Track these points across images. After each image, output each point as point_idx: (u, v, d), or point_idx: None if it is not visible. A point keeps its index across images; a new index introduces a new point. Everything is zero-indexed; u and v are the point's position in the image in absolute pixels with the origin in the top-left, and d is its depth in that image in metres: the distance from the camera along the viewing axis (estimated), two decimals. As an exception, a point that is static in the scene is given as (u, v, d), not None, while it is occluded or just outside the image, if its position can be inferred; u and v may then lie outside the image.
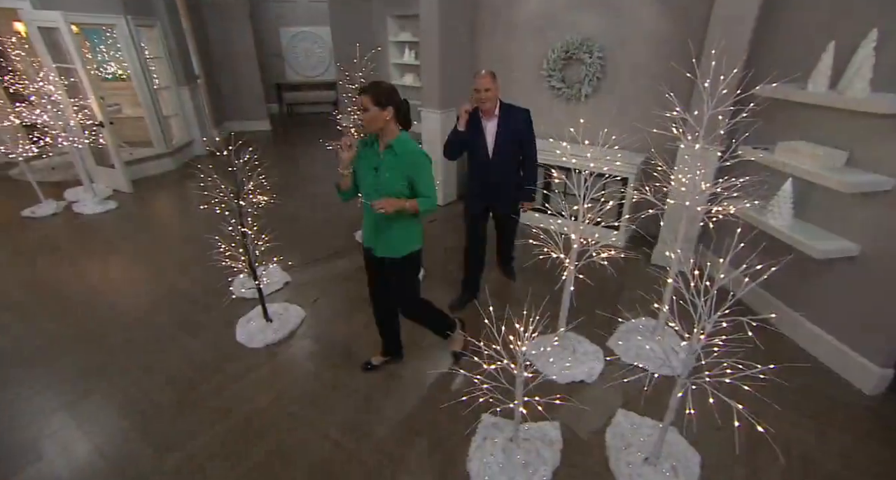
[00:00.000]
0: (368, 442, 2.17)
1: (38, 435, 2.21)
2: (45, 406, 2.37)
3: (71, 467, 2.05)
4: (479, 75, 2.64)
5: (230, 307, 3.24)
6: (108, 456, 2.10)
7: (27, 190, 5.41)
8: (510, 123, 2.74)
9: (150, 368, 2.66)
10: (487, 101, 2.63)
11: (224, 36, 8.17)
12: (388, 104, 1.95)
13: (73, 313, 3.20)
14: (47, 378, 2.58)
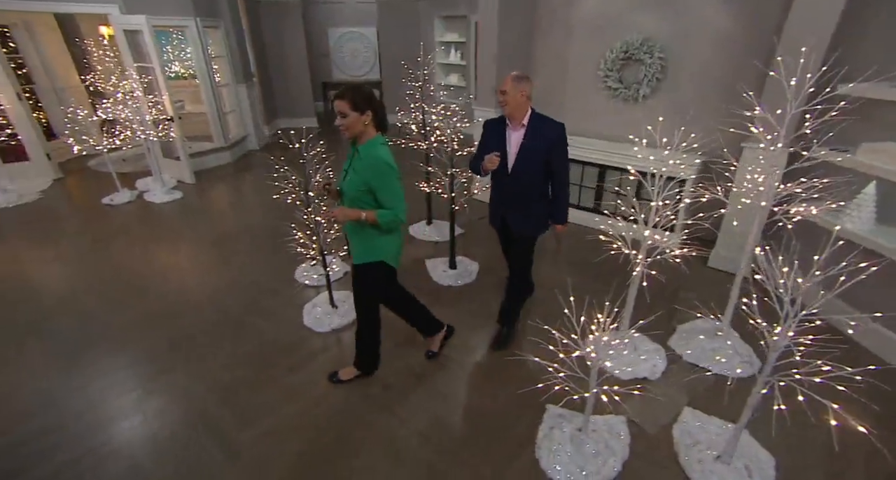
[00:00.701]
0: (436, 426, 2.26)
1: (127, 406, 2.41)
2: (130, 382, 2.58)
3: (159, 433, 2.23)
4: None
5: (295, 293, 3.41)
6: (194, 425, 2.27)
7: (104, 179, 5.84)
8: (538, 137, 2.35)
9: (224, 347, 2.85)
10: (505, 106, 2.31)
11: (277, 36, 8.51)
12: (367, 108, 1.93)
13: (150, 295, 3.45)
14: (132, 355, 2.80)
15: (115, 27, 5.25)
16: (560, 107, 4.76)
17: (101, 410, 2.36)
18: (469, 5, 7.65)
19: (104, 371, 2.64)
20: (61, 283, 3.60)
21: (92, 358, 2.75)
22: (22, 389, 2.50)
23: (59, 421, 2.28)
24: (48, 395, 2.46)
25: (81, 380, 2.57)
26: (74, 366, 2.68)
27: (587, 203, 4.56)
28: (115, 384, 2.54)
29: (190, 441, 2.17)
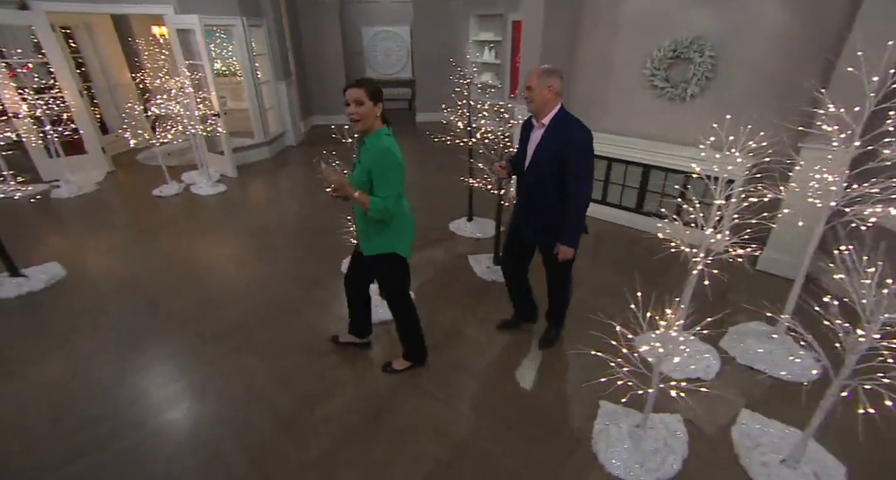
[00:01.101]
0: (490, 416, 2.29)
1: (180, 393, 2.53)
2: (184, 368, 2.70)
3: (227, 410, 2.33)
4: None
5: (342, 285, 3.49)
6: (250, 409, 2.37)
7: (152, 172, 6.10)
8: (556, 139, 2.14)
9: (276, 336, 2.94)
10: (531, 103, 2.13)
11: (315, 35, 8.69)
12: (379, 100, 1.97)
13: (203, 283, 3.59)
14: (185, 341, 2.93)
15: (169, 26, 5.47)
16: (604, 107, 4.72)
17: (154, 396, 2.47)
18: (506, 4, 7.65)
19: (158, 357, 2.77)
20: (120, 271, 3.78)
21: (147, 343, 2.88)
22: (79, 376, 2.62)
23: (115, 408, 2.37)
24: (103, 382, 2.59)
25: (136, 366, 2.69)
26: (129, 353, 2.81)
27: (629, 203, 4.50)
28: (168, 370, 2.66)
29: (247, 427, 2.26)
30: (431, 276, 3.62)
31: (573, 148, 2.10)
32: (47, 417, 2.30)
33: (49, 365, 2.67)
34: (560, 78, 2.10)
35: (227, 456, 2.08)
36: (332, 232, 3.20)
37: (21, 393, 2.46)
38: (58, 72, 5.48)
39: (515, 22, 7.48)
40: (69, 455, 2.08)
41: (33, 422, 2.27)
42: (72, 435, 2.18)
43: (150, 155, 7.23)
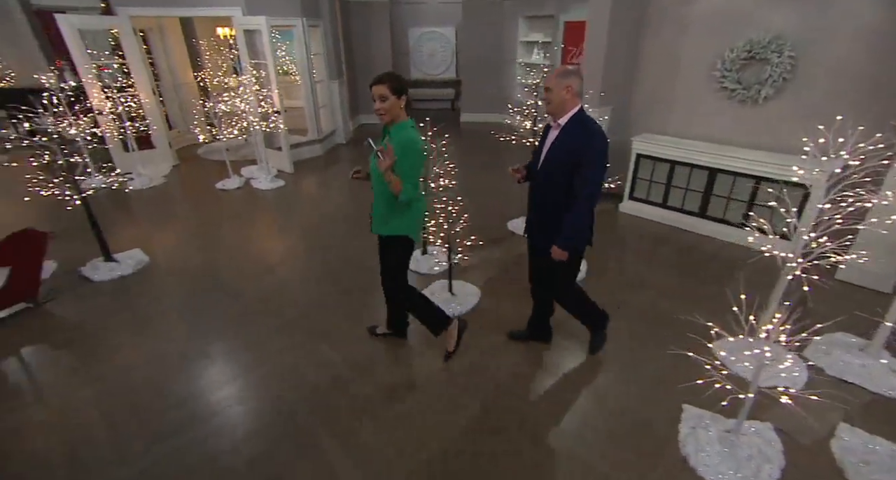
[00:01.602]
0: (575, 416, 2.29)
1: (251, 384, 2.64)
2: (271, 348, 2.82)
3: (302, 393, 2.43)
4: None
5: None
6: (328, 398, 2.45)
7: (213, 166, 6.38)
8: (571, 141, 2.07)
9: (342, 328, 3.03)
10: (548, 104, 2.09)
11: (364, 35, 8.88)
12: (402, 93, 2.07)
13: (273, 273, 3.74)
14: (266, 324, 3.06)
15: (237, 27, 5.71)
16: (668, 108, 4.62)
17: (230, 381, 2.60)
18: (557, 5, 7.60)
19: (235, 342, 2.91)
20: (196, 259, 3.98)
21: (224, 327, 3.03)
22: (161, 358, 2.78)
23: (195, 390, 2.53)
24: (184, 365, 2.74)
25: (214, 350, 2.84)
26: (207, 336, 2.96)
27: (692, 207, 4.39)
28: (244, 356, 2.79)
29: (329, 414, 2.35)
30: (496, 274, 3.64)
31: (588, 153, 2.04)
32: (140, 394, 2.46)
33: (135, 347, 2.85)
34: (579, 78, 2.06)
35: (305, 433, 2.17)
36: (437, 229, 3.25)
37: (112, 374, 2.64)
38: (135, 72, 5.82)
39: (568, 23, 7.42)
40: (153, 438, 2.21)
41: (133, 398, 2.43)
42: (152, 418, 2.32)
43: (209, 149, 7.57)
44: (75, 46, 5.42)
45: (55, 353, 2.78)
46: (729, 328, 2.07)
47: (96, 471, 2.00)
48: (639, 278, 3.61)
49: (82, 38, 5.47)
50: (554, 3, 7.64)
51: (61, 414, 2.31)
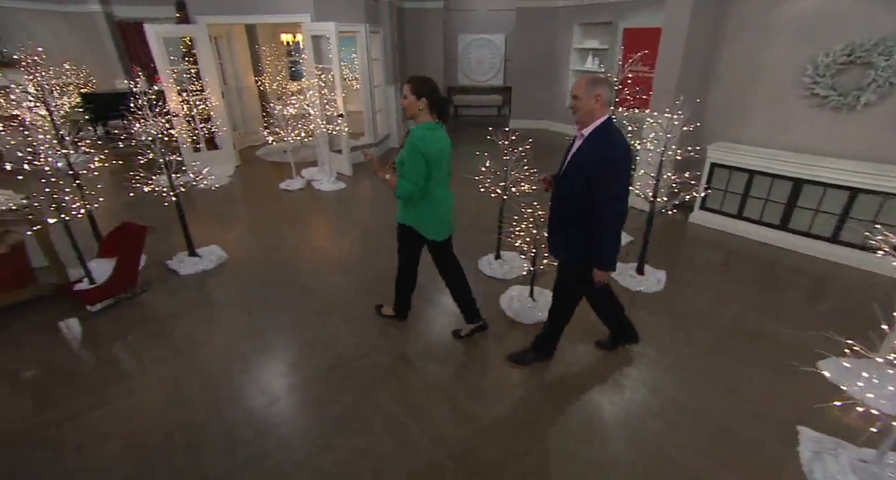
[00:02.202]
0: (676, 433, 2.21)
1: (332, 382, 2.67)
2: (349, 344, 2.86)
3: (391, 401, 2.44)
4: None
5: (478, 283, 3.55)
6: (439, 393, 2.45)
7: (273, 167, 6.57)
8: (592, 152, 2.04)
9: (424, 323, 3.04)
10: (576, 112, 2.07)
11: (418, 42, 9.03)
12: (423, 96, 2.28)
13: (350, 272, 3.79)
14: (342, 322, 3.10)
15: (305, 33, 5.90)
16: (745, 116, 4.47)
17: (306, 376, 2.64)
18: (615, 12, 7.50)
19: (309, 337, 2.96)
20: (270, 256, 4.10)
21: (300, 322, 3.09)
22: (233, 355, 2.87)
23: (266, 386, 2.58)
24: (259, 359, 2.80)
25: (286, 345, 2.89)
26: (274, 336, 3.02)
27: (773, 219, 4.20)
28: (319, 352, 2.83)
29: (421, 414, 2.34)
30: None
31: (605, 165, 1.99)
32: (216, 383, 2.53)
33: (217, 339, 2.94)
34: (609, 88, 2.03)
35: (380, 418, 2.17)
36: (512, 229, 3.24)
37: (199, 365, 2.73)
38: (209, 76, 6.09)
39: (627, 30, 7.31)
40: (220, 432, 2.26)
41: (207, 384, 2.50)
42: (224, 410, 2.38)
43: (267, 151, 7.83)
44: (159, 53, 5.72)
45: (152, 342, 2.90)
46: (866, 346, 1.95)
47: (209, 459, 2.07)
48: (720, 291, 3.47)
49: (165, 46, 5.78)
50: (612, 11, 7.55)
51: (165, 400, 2.41)
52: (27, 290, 3.15)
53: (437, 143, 2.31)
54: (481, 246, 4.02)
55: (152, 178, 3.53)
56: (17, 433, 2.21)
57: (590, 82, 2.01)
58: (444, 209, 2.51)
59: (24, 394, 2.47)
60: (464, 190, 5.60)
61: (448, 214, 2.55)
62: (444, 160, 2.40)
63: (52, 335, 2.92)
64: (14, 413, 2.33)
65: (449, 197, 2.54)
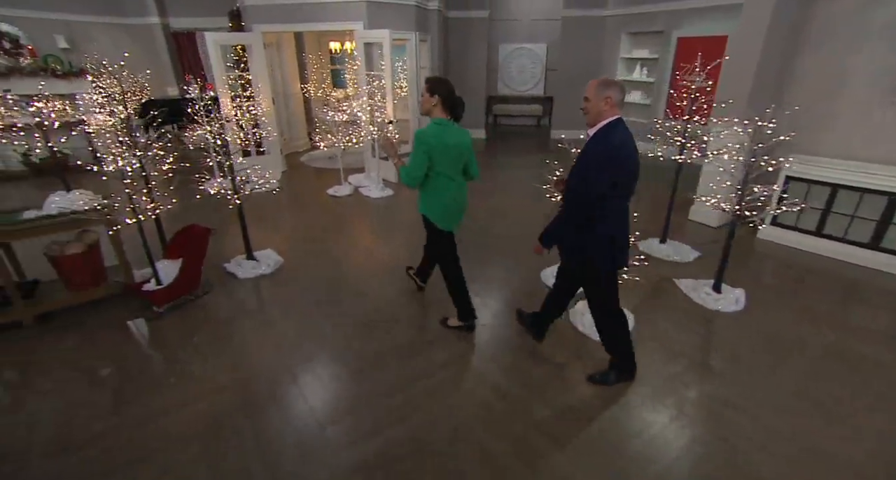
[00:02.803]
0: (777, 460, 1.99)
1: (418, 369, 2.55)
2: (411, 352, 2.75)
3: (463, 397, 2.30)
4: None
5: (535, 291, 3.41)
6: (516, 404, 2.30)
7: (318, 173, 6.61)
8: (589, 152, 2.07)
9: (480, 329, 2.90)
10: (586, 113, 2.11)
11: (461, 51, 9.02)
12: (436, 93, 2.48)
13: (405, 277, 3.71)
14: (405, 329, 3.00)
15: (357, 41, 5.95)
16: (826, 126, 4.19)
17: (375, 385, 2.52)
18: (669, 21, 7.31)
19: (373, 348, 2.86)
20: (325, 261, 4.06)
21: (361, 332, 3.00)
22: (293, 359, 2.80)
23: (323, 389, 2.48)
24: (325, 364, 2.71)
25: (337, 362, 2.80)
26: (330, 347, 2.93)
27: (860, 237, 3.89)
28: (383, 360, 2.72)
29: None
30: (642, 301, 3.37)
31: (585, 156, 2.07)
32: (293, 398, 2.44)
33: (279, 343, 2.87)
34: (620, 90, 2.05)
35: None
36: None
37: (261, 374, 2.66)
38: (261, 82, 6.21)
39: (682, 39, 7.10)
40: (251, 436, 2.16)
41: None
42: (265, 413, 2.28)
43: (311, 157, 7.92)
44: (217, 60, 5.86)
45: (217, 344, 2.86)
46: None
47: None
48: (806, 312, 3.22)
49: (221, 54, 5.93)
50: (666, 19, 7.36)
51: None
52: (100, 289, 3.18)
53: (444, 137, 2.47)
54: (545, 256, 3.85)
55: (212, 180, 3.52)
56: (101, 431, 2.19)
57: (601, 85, 2.05)
58: (450, 200, 2.64)
59: (103, 392, 2.46)
60: (527, 198, 5.55)
61: (454, 206, 2.68)
62: (453, 153, 2.52)
63: (122, 333, 2.93)
64: (95, 411, 2.31)
65: (457, 190, 2.65)
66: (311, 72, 8.55)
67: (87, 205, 2.98)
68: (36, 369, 2.64)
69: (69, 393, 2.45)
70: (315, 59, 8.57)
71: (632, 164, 2.06)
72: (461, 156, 2.57)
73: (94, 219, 2.90)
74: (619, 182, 2.04)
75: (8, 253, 3.08)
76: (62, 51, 7.68)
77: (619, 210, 2.16)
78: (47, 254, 3.04)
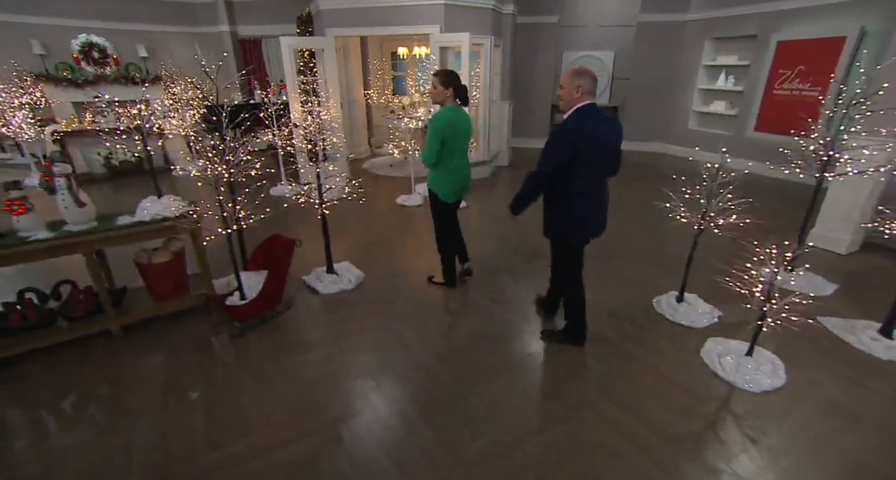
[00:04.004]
0: None
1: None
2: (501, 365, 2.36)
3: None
4: None
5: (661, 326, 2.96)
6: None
7: (382, 180, 6.39)
8: (555, 132, 2.35)
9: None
10: (560, 100, 2.38)
11: (528, 57, 8.67)
12: (449, 86, 2.91)
13: (486, 293, 3.35)
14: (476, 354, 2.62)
15: (433, 45, 5.73)
16: None
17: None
18: (765, 23, 6.68)
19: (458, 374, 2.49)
20: (407, 275, 3.77)
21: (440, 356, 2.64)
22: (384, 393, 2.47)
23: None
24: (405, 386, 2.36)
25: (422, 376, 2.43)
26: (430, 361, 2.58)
27: None
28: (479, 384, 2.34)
29: None
30: (785, 342, 2.85)
31: (553, 134, 2.32)
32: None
33: (369, 368, 2.56)
34: (591, 80, 2.24)
35: None
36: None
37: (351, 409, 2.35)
38: (331, 87, 6.09)
39: (782, 43, 6.46)
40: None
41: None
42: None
43: (373, 164, 7.77)
44: (290, 64, 5.79)
45: (304, 368, 2.59)
46: None
47: None
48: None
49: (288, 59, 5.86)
50: (760, 22, 6.74)
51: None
52: (184, 300, 3.01)
53: (454, 122, 2.94)
54: (664, 282, 3.45)
55: (278, 186, 3.32)
56: (204, 466, 1.95)
57: (573, 75, 2.26)
58: (458, 176, 3.12)
59: (194, 417, 2.23)
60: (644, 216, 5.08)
61: (459, 180, 3.14)
62: (460, 135, 3.00)
63: (207, 351, 2.73)
64: (190, 439, 2.09)
65: (463, 166, 3.14)
66: (375, 78, 8.46)
67: (179, 211, 2.81)
68: (125, 386, 2.45)
69: (161, 417, 2.23)
70: (379, 65, 8.49)
71: (597, 140, 2.26)
72: (468, 135, 3.09)
73: (187, 227, 2.72)
74: (580, 155, 2.23)
75: (100, 259, 2.95)
76: (141, 59, 7.93)
77: (592, 190, 2.39)
78: (136, 262, 2.89)
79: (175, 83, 7.67)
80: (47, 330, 2.69)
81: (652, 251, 4.28)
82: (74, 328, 2.73)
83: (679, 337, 2.90)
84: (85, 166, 6.86)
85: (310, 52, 6.26)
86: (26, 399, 2.37)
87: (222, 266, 3.33)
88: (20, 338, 2.60)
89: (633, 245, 4.39)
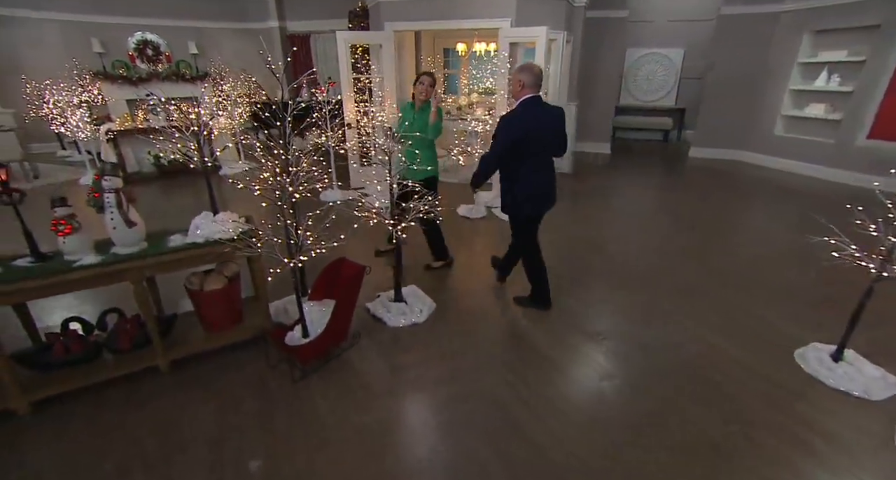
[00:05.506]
0: None
1: None
2: None
3: None
4: None
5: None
6: None
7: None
8: (501, 119, 2.73)
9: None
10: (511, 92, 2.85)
11: (594, 56, 7.97)
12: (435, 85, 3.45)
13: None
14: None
15: (502, 40, 5.18)
16: None
17: None
18: (891, 10, 5.73)
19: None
20: (478, 310, 3.26)
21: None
22: None
23: None
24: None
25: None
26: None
27: None
28: None
29: None
30: None
31: (500, 121, 2.71)
32: None
33: (452, 424, 2.05)
34: (530, 75, 2.59)
35: None
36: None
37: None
38: (388, 86, 5.66)
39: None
40: None
41: None
42: None
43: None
44: (345, 60, 5.40)
45: (381, 423, 2.13)
46: None
47: None
48: None
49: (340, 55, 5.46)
50: (887, 9, 5.77)
51: None
52: (237, 332, 2.61)
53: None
54: (797, 329, 2.82)
55: (327, 192, 2.86)
56: None
57: (518, 70, 2.65)
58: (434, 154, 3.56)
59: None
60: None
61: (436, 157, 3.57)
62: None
63: (265, 397, 2.31)
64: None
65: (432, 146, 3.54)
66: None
67: (236, 232, 2.40)
68: (174, 443, 2.06)
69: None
70: (432, 62, 8.02)
71: (533, 130, 2.58)
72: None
73: (246, 253, 2.30)
74: (517, 142, 2.58)
75: (149, 284, 2.60)
76: (192, 56, 7.79)
77: (533, 172, 2.72)
78: (187, 287, 2.51)
79: (224, 80, 7.46)
80: (91, 364, 2.35)
81: (772, 281, 3.60)
82: (120, 363, 2.37)
83: (852, 413, 2.25)
84: (136, 165, 6.74)
85: (363, 48, 5.84)
86: (67, 453, 2.01)
87: (278, 285, 2.94)
88: (62, 375, 2.26)
89: (753, 272, 3.74)
